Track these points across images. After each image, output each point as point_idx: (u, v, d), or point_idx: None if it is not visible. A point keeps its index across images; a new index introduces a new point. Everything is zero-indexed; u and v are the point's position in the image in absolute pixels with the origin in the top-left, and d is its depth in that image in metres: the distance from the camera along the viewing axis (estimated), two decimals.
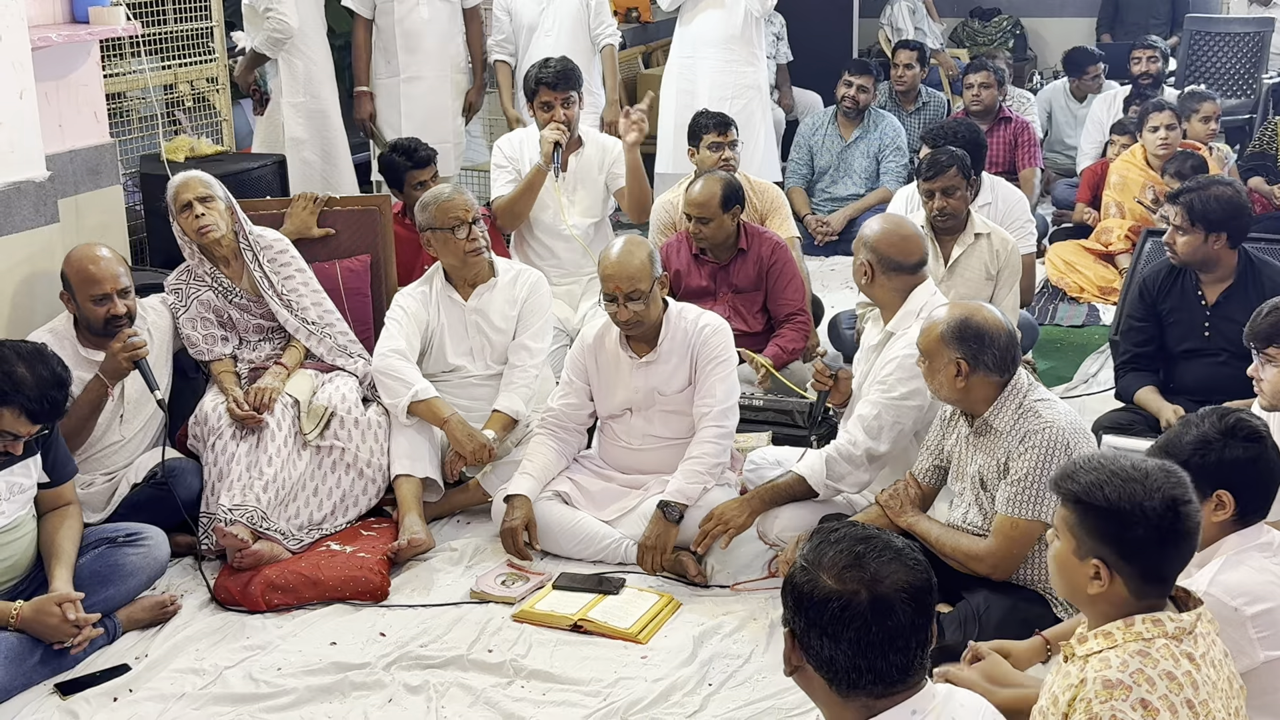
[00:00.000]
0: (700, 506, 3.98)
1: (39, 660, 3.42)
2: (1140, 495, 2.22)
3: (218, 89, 6.17)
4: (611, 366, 4.20)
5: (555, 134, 5.35)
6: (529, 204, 5.45)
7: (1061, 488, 2.30)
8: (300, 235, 4.80)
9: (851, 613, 1.98)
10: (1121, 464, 2.28)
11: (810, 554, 2.05)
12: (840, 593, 1.99)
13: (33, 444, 3.55)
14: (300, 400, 4.26)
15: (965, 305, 3.49)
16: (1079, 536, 2.27)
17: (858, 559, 2.01)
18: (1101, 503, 2.23)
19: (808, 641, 2.03)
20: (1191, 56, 9.25)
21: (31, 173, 4.29)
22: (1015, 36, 10.98)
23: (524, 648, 3.58)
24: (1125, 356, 4.61)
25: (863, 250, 3.92)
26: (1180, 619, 2.23)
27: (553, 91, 5.41)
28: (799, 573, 2.05)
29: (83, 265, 4.04)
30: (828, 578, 2.01)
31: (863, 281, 3.95)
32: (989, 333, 3.36)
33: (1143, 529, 2.21)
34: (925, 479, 3.66)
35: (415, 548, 4.04)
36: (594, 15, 6.81)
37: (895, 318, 3.89)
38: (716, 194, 4.90)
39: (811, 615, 2.01)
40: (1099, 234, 6.78)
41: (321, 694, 3.38)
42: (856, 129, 7.50)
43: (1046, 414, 3.35)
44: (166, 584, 3.93)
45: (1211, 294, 4.48)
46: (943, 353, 3.39)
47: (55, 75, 4.63)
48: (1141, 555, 2.23)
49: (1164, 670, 2.16)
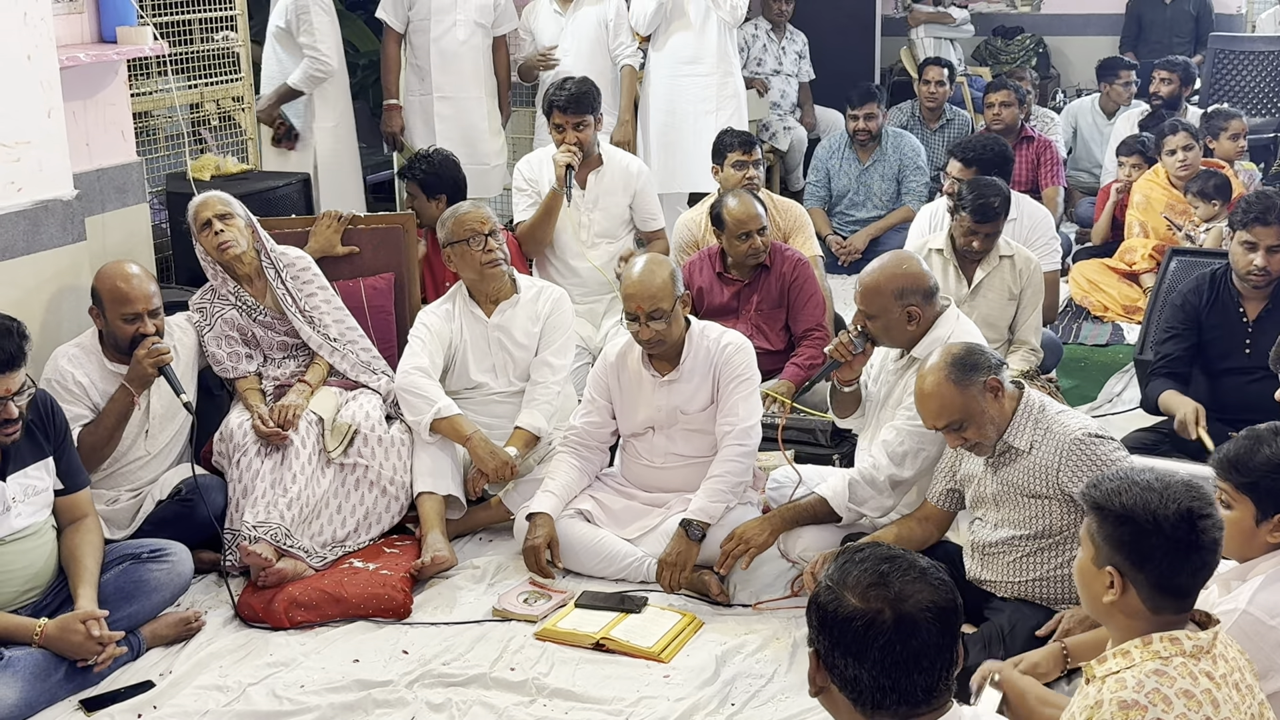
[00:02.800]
0: (722, 525, 3.98)
1: (63, 677, 3.43)
2: (1155, 504, 2.24)
3: (243, 108, 6.21)
4: (634, 385, 4.21)
5: (566, 157, 5.35)
6: (549, 229, 5.46)
7: (1086, 495, 2.34)
8: (325, 253, 4.83)
9: (875, 631, 1.97)
10: (1145, 474, 2.30)
11: (835, 573, 2.05)
12: (864, 611, 1.99)
13: (43, 445, 3.58)
14: (324, 418, 4.28)
15: (940, 350, 3.44)
16: (1098, 544, 2.29)
17: (882, 577, 2.00)
18: (1118, 509, 2.26)
19: (832, 661, 2.02)
20: (1216, 75, 9.23)
21: (59, 191, 4.32)
22: (1038, 55, 10.96)
23: (546, 666, 3.58)
24: (1158, 363, 4.55)
25: (896, 301, 3.81)
26: (1198, 637, 2.23)
27: (564, 115, 5.42)
28: (823, 592, 2.04)
29: (115, 283, 4.06)
30: (852, 596, 2.00)
31: (912, 326, 3.84)
32: (974, 348, 3.39)
33: (1156, 538, 2.23)
34: (941, 503, 3.65)
35: (438, 565, 4.05)
36: (613, 35, 6.83)
37: (921, 344, 3.86)
38: (759, 208, 4.94)
39: (835, 634, 2.01)
40: (1123, 253, 6.76)
41: (344, 711, 3.38)
42: (873, 153, 7.50)
43: (1071, 424, 3.34)
44: (190, 600, 3.95)
45: (1253, 310, 4.44)
46: (965, 399, 3.35)
47: (83, 95, 4.67)
48: (1153, 564, 2.24)
49: (1181, 689, 2.15)
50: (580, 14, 6.80)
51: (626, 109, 6.87)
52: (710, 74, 7.03)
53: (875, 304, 3.85)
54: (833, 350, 3.97)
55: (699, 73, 7.02)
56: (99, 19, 4.80)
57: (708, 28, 6.99)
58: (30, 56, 4.15)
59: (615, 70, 6.87)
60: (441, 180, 5.32)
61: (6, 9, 4.06)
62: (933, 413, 3.37)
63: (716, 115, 6.87)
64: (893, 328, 3.86)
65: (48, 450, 3.62)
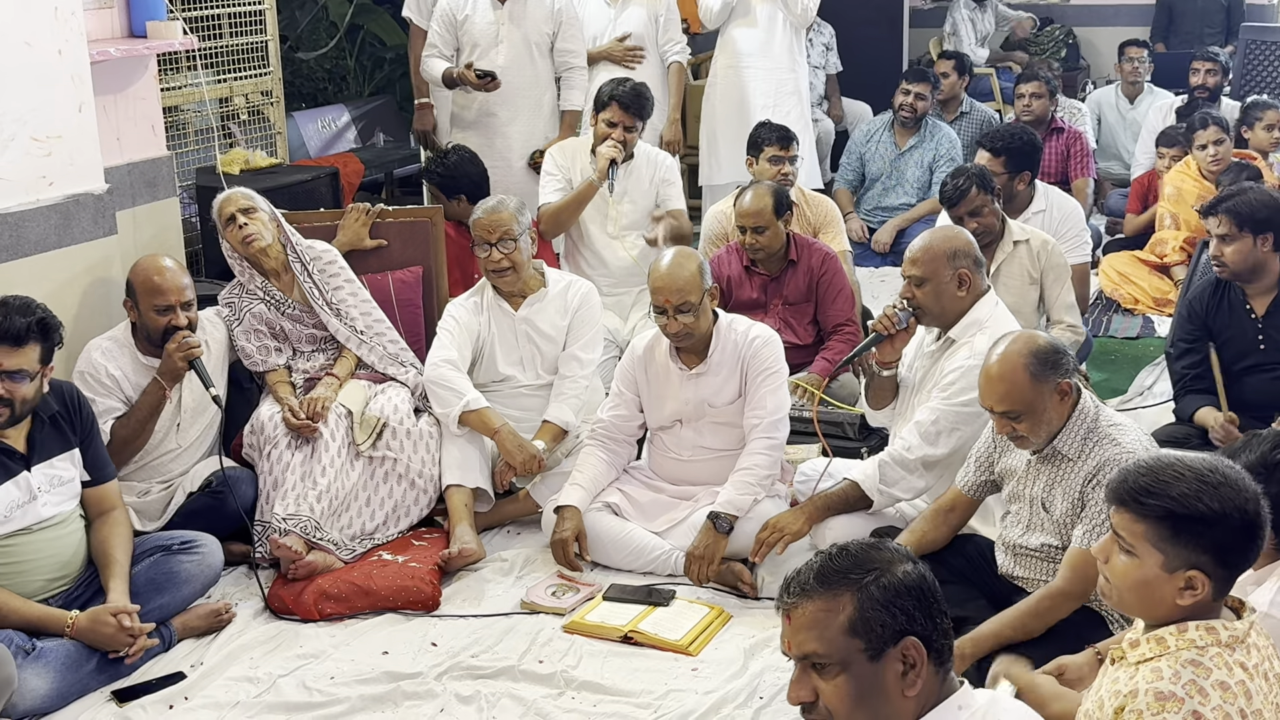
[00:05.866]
0: (750, 518, 3.98)
1: (95, 668, 3.46)
2: (1235, 499, 2.19)
3: (272, 102, 6.23)
4: (661, 378, 4.21)
5: (613, 151, 5.33)
6: (575, 215, 5.45)
7: (1147, 504, 2.22)
8: (353, 247, 4.84)
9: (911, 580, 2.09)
10: (1197, 469, 2.23)
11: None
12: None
13: (69, 436, 3.61)
14: (353, 411, 4.29)
15: (1025, 335, 3.38)
16: (1169, 551, 2.20)
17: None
18: (1204, 512, 2.17)
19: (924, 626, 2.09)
20: (1247, 66, 9.14)
21: (90, 185, 4.35)
22: (1068, 46, 10.90)
23: (574, 659, 3.58)
24: (1181, 379, 4.54)
25: (949, 263, 3.81)
26: (1234, 627, 2.20)
27: (624, 112, 5.37)
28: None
29: (149, 275, 4.10)
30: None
31: (962, 292, 3.84)
32: (1059, 347, 3.31)
33: (1240, 532, 2.19)
34: (973, 493, 3.61)
35: (466, 557, 4.06)
36: (663, 31, 6.76)
37: (959, 325, 3.85)
38: (768, 204, 4.91)
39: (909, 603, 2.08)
40: (1153, 245, 6.71)
41: (374, 703, 3.40)
42: (912, 137, 7.48)
43: (1124, 440, 3.23)
44: (221, 592, 3.97)
45: (1260, 306, 4.41)
46: (1041, 390, 3.25)
47: (114, 89, 4.70)
48: (1236, 558, 2.20)
49: (1217, 680, 2.12)
50: (630, 8, 6.76)
51: (675, 107, 6.78)
52: (774, 70, 6.98)
53: (928, 266, 3.83)
54: (876, 323, 3.93)
55: (763, 67, 6.98)
56: (129, 14, 4.84)
57: (775, 24, 6.96)
58: (61, 51, 4.18)
59: (663, 66, 6.80)
60: (458, 180, 5.33)
61: (38, 4, 4.09)
62: (997, 395, 3.25)
63: (775, 110, 6.80)
64: (943, 294, 3.83)
65: (74, 442, 3.65)
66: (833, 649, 2.06)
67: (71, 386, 3.77)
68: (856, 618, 2.06)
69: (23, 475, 3.51)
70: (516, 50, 6.02)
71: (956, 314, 3.86)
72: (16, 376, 3.43)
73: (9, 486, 3.47)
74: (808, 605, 2.08)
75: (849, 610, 2.06)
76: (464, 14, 6.00)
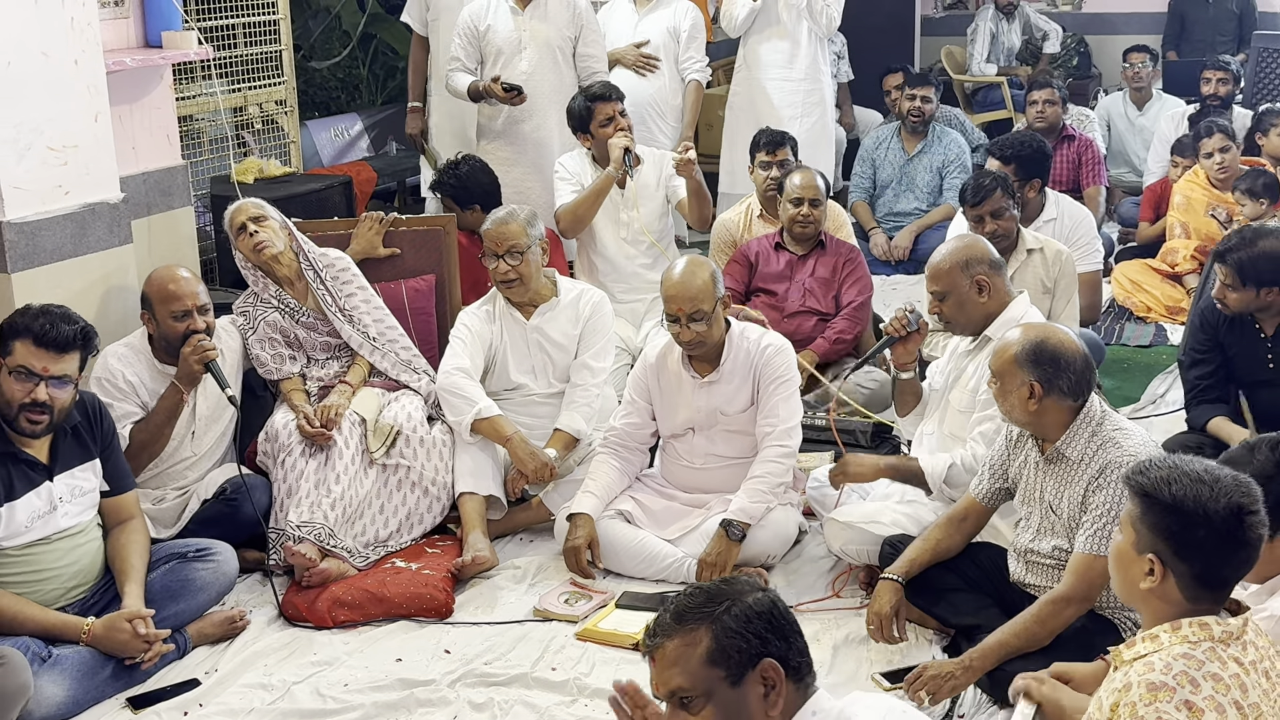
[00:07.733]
0: (763, 525, 3.99)
1: (110, 675, 3.47)
2: (1206, 497, 2.23)
3: (286, 111, 6.26)
4: (674, 386, 4.22)
5: (624, 140, 5.36)
6: (594, 210, 5.45)
7: (1131, 481, 2.32)
8: (366, 255, 4.86)
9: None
10: (1195, 466, 2.29)
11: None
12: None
13: (90, 446, 3.63)
14: (367, 419, 4.31)
15: (1041, 327, 3.45)
16: (1139, 530, 2.29)
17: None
18: (1167, 499, 2.25)
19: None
20: (1259, 74, 9.13)
21: (106, 194, 4.38)
22: (1079, 54, 10.89)
23: (587, 666, 3.59)
24: (1193, 389, 4.53)
25: (963, 272, 3.89)
26: (1228, 623, 2.23)
27: (609, 103, 5.43)
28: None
29: (163, 284, 4.13)
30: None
31: (983, 298, 3.90)
32: (1065, 356, 3.29)
33: (1204, 530, 2.22)
34: (988, 501, 3.61)
35: (479, 565, 4.07)
36: (684, 47, 6.77)
37: (994, 325, 3.88)
38: (818, 181, 5.26)
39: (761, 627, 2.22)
40: (1165, 254, 6.70)
41: (387, 710, 3.41)
42: (920, 142, 7.48)
43: (1126, 444, 3.25)
44: (235, 599, 3.98)
45: (1269, 327, 4.40)
46: (1016, 374, 3.32)
47: (129, 99, 4.73)
48: (1198, 556, 2.23)
49: (1209, 671, 2.15)
50: (653, 15, 6.78)
51: (690, 125, 6.77)
52: (799, 80, 7.01)
53: (946, 280, 3.92)
54: (888, 326, 4.06)
55: (787, 78, 7.01)
56: (145, 24, 4.87)
57: (798, 31, 6.97)
58: (77, 62, 4.21)
59: (678, 81, 6.80)
60: (471, 191, 5.36)
61: (53, 14, 4.12)
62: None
63: (801, 121, 6.85)
64: (965, 302, 3.91)
65: (94, 452, 3.67)
66: (696, 681, 2.17)
67: (93, 397, 3.79)
68: (714, 648, 2.16)
69: (45, 486, 3.53)
70: (540, 55, 6.05)
71: (983, 318, 3.92)
72: (61, 382, 3.46)
73: (30, 497, 3.50)
74: (668, 644, 2.20)
75: (706, 642, 2.17)
76: (485, 23, 6.02)
